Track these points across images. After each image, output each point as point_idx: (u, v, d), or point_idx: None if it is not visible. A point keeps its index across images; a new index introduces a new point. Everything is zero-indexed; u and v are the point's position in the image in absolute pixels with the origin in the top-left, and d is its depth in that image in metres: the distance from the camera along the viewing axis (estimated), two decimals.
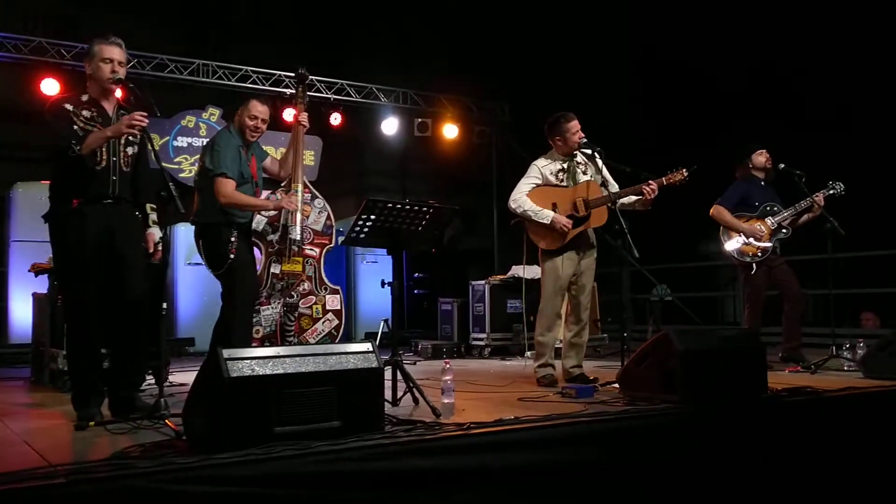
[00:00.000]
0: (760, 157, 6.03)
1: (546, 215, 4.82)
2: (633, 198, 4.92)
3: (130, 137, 3.71)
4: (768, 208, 5.92)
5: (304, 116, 5.08)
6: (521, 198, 4.90)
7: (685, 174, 4.82)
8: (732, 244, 5.93)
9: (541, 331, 4.96)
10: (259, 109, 4.61)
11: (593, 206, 4.87)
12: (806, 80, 8.60)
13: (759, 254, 5.85)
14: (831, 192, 5.82)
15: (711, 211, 6.02)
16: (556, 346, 5.05)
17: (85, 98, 3.70)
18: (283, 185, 5.03)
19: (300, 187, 5.00)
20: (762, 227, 5.88)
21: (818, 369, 5.41)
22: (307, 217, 5.06)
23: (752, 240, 5.87)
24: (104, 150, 3.63)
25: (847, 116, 8.36)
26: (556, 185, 4.96)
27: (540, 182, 4.95)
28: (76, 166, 3.54)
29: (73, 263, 3.61)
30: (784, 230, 5.87)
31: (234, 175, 4.42)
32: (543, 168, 4.98)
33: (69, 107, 3.64)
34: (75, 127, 3.59)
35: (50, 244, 3.71)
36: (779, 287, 5.94)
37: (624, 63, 10.50)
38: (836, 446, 3.84)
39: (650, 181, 4.79)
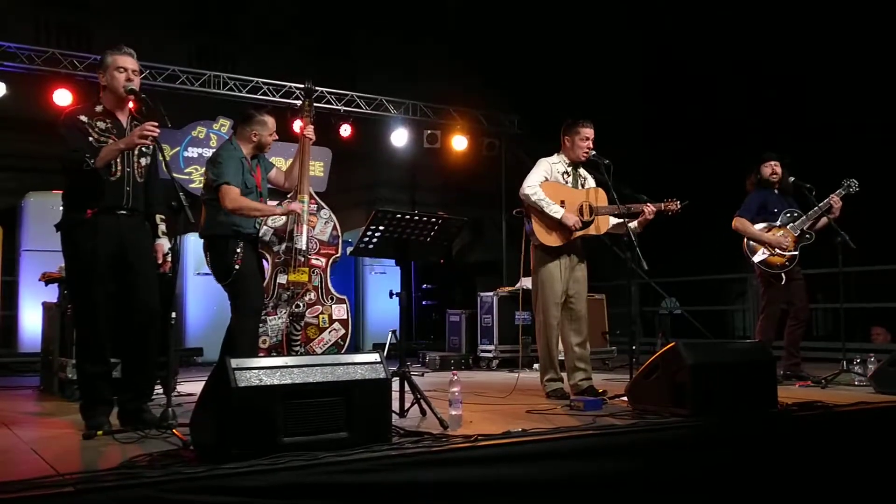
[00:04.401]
0: (766, 169, 6.01)
1: (557, 210, 4.83)
2: (627, 220, 4.95)
3: (143, 148, 3.74)
4: (788, 215, 5.89)
5: (310, 129, 5.13)
6: (536, 186, 4.87)
7: (678, 206, 4.89)
8: (759, 256, 5.88)
9: (544, 343, 4.94)
10: (274, 123, 4.73)
11: (598, 213, 4.91)
12: (821, 93, 8.58)
13: (787, 263, 5.81)
14: (847, 191, 5.78)
15: (734, 223, 5.96)
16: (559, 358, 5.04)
17: (99, 109, 3.73)
18: (289, 196, 5.06)
19: (306, 198, 5.03)
20: (786, 235, 5.83)
21: (829, 384, 5.37)
22: (313, 227, 5.07)
23: (777, 249, 5.82)
24: (119, 160, 3.66)
25: (860, 129, 8.33)
26: (562, 185, 4.98)
27: (548, 177, 4.96)
28: (90, 178, 3.56)
29: (85, 273, 3.63)
30: (808, 235, 5.83)
31: (238, 184, 4.48)
32: (552, 165, 5.01)
33: (84, 118, 3.66)
34: (90, 139, 3.62)
35: (62, 253, 3.73)
36: (790, 301, 5.89)
37: (636, 76, 10.51)
38: (846, 461, 3.81)
39: (649, 203, 4.85)
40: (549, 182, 4.93)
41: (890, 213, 7.90)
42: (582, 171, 5.09)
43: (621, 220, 4.94)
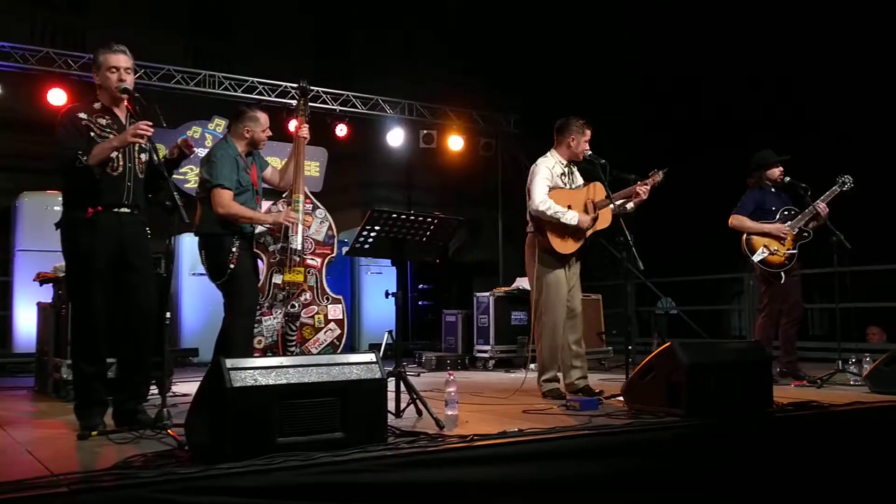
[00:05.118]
0: (775, 172, 6.01)
1: (573, 216, 4.84)
2: (624, 201, 5.00)
3: (142, 144, 3.73)
4: (786, 213, 5.90)
5: (305, 129, 5.12)
6: (548, 200, 4.86)
7: (661, 175, 4.94)
8: (758, 255, 5.87)
9: (546, 344, 4.94)
10: (267, 120, 4.71)
11: (600, 207, 4.94)
12: (819, 93, 8.59)
13: (786, 261, 5.81)
14: (842, 188, 5.78)
15: (731, 221, 5.95)
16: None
17: (97, 106, 3.73)
18: (284, 195, 5.05)
19: (301, 198, 5.01)
20: (788, 235, 5.83)
21: (824, 383, 5.38)
22: (308, 227, 5.06)
23: (776, 248, 5.82)
24: (120, 156, 3.66)
25: (856, 130, 8.35)
26: (563, 188, 4.99)
27: (550, 183, 4.96)
28: (85, 176, 3.56)
29: (84, 271, 3.62)
30: (805, 233, 5.83)
31: (232, 185, 4.46)
32: (550, 170, 5.02)
33: (83, 116, 3.66)
34: (92, 134, 3.62)
35: (61, 252, 3.72)
36: (785, 299, 5.89)
37: (635, 76, 10.51)
38: (841, 461, 3.81)
39: (642, 181, 4.90)
40: (553, 190, 4.94)
41: (886, 212, 7.91)
42: (573, 166, 5.14)
43: (621, 202, 4.98)
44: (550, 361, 4.93)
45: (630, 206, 4.99)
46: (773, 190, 6.02)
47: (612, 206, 4.96)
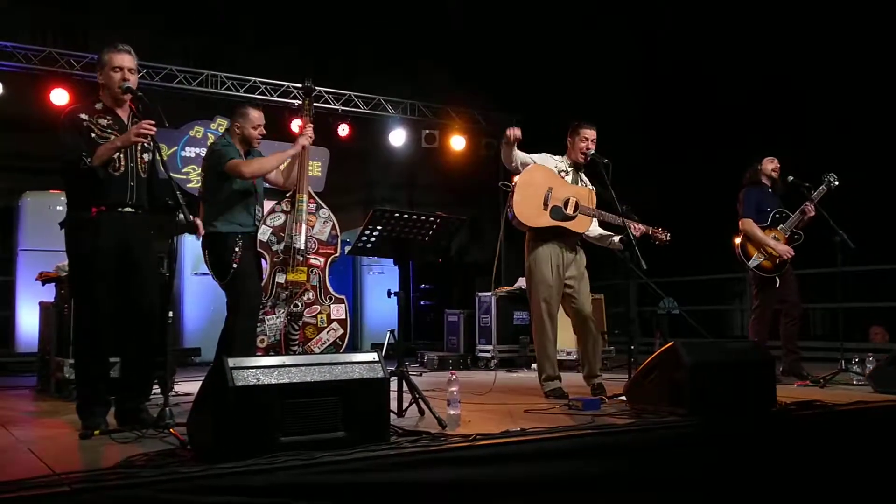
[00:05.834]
0: (769, 165, 6.03)
1: (509, 154, 4.80)
2: (610, 234, 4.98)
3: (145, 144, 3.74)
4: (778, 215, 5.91)
5: (309, 129, 5.11)
6: (512, 154, 4.84)
7: (667, 238, 4.93)
8: (754, 261, 5.88)
9: (539, 339, 4.92)
10: (259, 117, 4.72)
11: (581, 212, 4.89)
12: (821, 93, 8.58)
13: (780, 265, 5.83)
14: (828, 186, 5.81)
15: (745, 225, 5.93)
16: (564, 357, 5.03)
17: (99, 107, 3.74)
18: (287, 195, 5.06)
19: (305, 197, 5.02)
20: (778, 237, 5.84)
21: (827, 383, 5.38)
22: (312, 227, 5.06)
23: (770, 252, 5.82)
24: (122, 156, 3.66)
25: (858, 131, 8.33)
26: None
27: (539, 161, 4.93)
28: (89, 176, 3.57)
29: (88, 271, 3.63)
30: (797, 235, 5.86)
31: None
32: (550, 159, 5.00)
33: (84, 116, 3.66)
34: (93, 135, 3.62)
35: (65, 251, 3.73)
36: (783, 299, 5.89)
37: (637, 77, 10.49)
38: (845, 461, 3.80)
39: (638, 225, 4.85)
40: (544, 168, 4.91)
41: (888, 212, 7.90)
42: (583, 176, 5.08)
43: (606, 234, 4.95)
44: (545, 358, 4.90)
45: (616, 239, 4.95)
46: (769, 190, 6.03)
47: (598, 227, 4.94)
